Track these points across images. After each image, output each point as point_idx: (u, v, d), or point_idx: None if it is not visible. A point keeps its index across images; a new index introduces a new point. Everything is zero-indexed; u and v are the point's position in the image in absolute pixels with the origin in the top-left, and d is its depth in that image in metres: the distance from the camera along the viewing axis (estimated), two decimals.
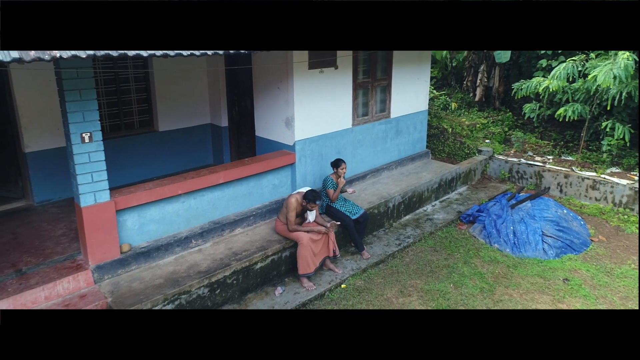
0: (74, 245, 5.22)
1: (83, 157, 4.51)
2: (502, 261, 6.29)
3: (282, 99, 6.44)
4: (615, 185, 7.86)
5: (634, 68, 7.46)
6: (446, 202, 8.11)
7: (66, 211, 6.16)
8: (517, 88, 9.07)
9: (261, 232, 5.98)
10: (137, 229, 5.16)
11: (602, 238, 6.97)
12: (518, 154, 9.56)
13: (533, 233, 6.63)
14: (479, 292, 5.56)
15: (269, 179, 6.36)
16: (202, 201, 5.68)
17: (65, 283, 4.59)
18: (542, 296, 5.50)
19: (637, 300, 5.44)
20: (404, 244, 6.58)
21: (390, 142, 8.13)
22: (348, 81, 7.06)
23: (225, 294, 5.13)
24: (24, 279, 4.58)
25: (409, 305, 5.29)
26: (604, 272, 6.02)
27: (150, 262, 5.17)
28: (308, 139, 6.63)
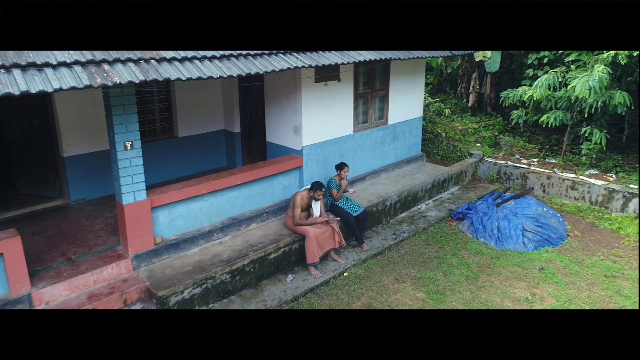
0: (112, 238, 6.02)
1: (125, 162, 5.30)
2: (486, 253, 7.08)
3: (291, 109, 7.23)
4: (591, 186, 8.66)
5: (608, 80, 8.26)
6: (439, 201, 8.90)
7: (100, 209, 6.96)
8: (505, 96, 9.88)
9: (273, 227, 6.78)
10: (168, 224, 5.95)
11: (577, 233, 7.76)
12: (506, 157, 10.36)
13: (515, 228, 7.43)
14: (465, 280, 6.36)
15: (279, 180, 7.15)
16: (222, 200, 6.47)
17: (109, 269, 5.38)
18: (519, 283, 6.29)
19: (602, 285, 6.24)
20: (400, 238, 7.38)
21: (387, 146, 8.93)
22: (350, 92, 7.85)
23: (244, 280, 5.92)
24: (74, 265, 5.37)
25: (402, 290, 6.08)
26: (576, 262, 6.82)
27: (179, 252, 5.97)
28: (314, 144, 7.42)
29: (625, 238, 7.53)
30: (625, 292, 6.03)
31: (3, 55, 3.86)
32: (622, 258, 6.92)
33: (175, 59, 4.78)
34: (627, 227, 7.78)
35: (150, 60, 4.60)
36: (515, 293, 6.05)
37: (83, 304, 4.95)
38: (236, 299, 5.77)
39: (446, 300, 5.88)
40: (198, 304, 5.49)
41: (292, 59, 5.76)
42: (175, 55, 4.80)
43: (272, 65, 5.46)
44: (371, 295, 5.97)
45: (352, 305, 5.77)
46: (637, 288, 6.13)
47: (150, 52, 4.65)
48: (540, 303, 5.84)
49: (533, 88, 9.12)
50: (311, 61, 5.89)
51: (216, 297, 5.65)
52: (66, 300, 5.00)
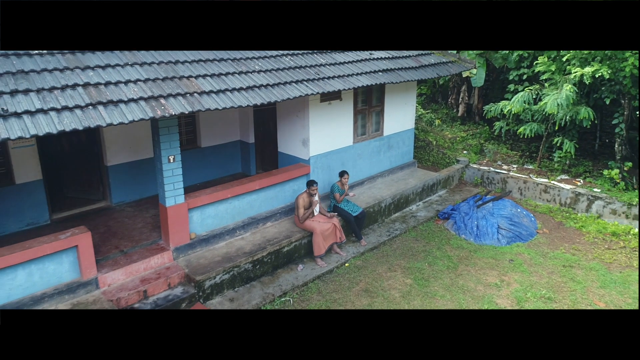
0: (153, 234, 7.27)
1: (168, 172, 6.55)
2: (466, 247, 8.34)
3: (300, 124, 8.48)
4: (561, 190, 9.91)
5: (575, 97, 9.52)
6: (428, 202, 10.16)
7: (138, 209, 8.21)
8: (487, 110, 11.14)
9: (285, 225, 8.03)
10: (200, 222, 7.20)
11: (545, 230, 9.02)
12: (489, 163, 11.61)
13: (491, 226, 8.68)
14: (446, 269, 7.61)
15: (290, 185, 8.39)
16: (243, 202, 7.72)
17: (155, 259, 6.63)
18: (491, 271, 7.55)
19: (560, 273, 7.49)
20: (393, 235, 8.63)
21: (383, 155, 10.18)
22: (350, 109, 9.10)
23: (262, 269, 7.17)
24: (127, 256, 6.62)
25: (394, 277, 7.33)
26: (541, 255, 8.08)
27: (209, 246, 7.22)
28: (319, 154, 8.67)
29: (586, 235, 8.78)
30: (578, 279, 7.29)
31: (87, 93, 5.11)
32: (580, 251, 8.17)
33: (212, 91, 6.03)
34: (589, 226, 9.03)
35: (194, 94, 5.85)
36: (487, 280, 7.31)
37: (137, 286, 6.21)
38: (256, 284, 7.03)
39: (429, 285, 7.13)
40: (226, 288, 6.74)
41: (302, 87, 7.02)
42: (212, 89, 6.05)
43: (287, 93, 6.72)
44: (368, 281, 7.22)
45: (352, 289, 7.02)
46: (594, 277, 7.37)
47: (193, 87, 5.90)
48: (507, 287, 7.09)
49: (511, 103, 10.39)
50: (318, 89, 7.14)
51: (240, 282, 6.90)
52: (123, 284, 6.25)
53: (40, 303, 5.63)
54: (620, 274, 7.44)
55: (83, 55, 5.69)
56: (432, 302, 6.72)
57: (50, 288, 5.76)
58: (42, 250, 5.59)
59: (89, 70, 5.47)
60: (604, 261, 7.83)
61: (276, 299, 6.72)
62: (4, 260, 5.32)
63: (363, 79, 8.00)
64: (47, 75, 5.14)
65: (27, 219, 7.40)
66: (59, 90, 5.01)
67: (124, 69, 5.74)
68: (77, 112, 4.85)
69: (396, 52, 9.43)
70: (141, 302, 6.12)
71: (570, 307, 6.61)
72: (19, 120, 4.51)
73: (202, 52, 6.72)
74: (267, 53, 7.47)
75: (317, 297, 6.83)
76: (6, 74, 4.93)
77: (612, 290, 6.99)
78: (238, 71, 6.67)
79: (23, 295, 5.57)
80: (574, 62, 9.67)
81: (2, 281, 5.38)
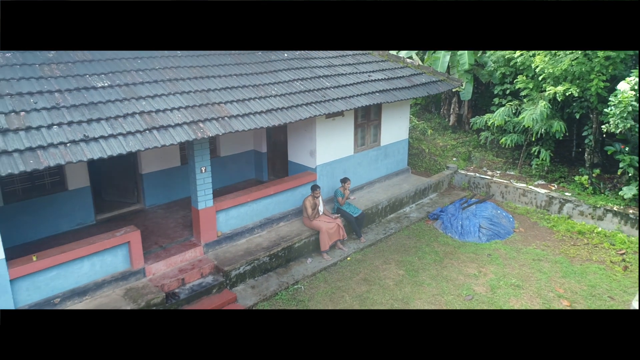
0: (185, 232, 8.59)
1: (200, 181, 7.87)
2: (451, 244, 9.66)
3: (308, 137, 9.80)
4: (537, 194, 11.25)
5: (548, 113, 10.85)
6: (420, 205, 11.49)
7: (169, 211, 9.53)
8: (474, 122, 12.48)
9: (296, 225, 9.36)
10: (224, 222, 8.52)
11: (521, 229, 10.35)
12: (476, 169, 12.94)
13: (473, 226, 10.02)
14: (433, 262, 8.93)
15: (299, 190, 9.71)
16: (260, 205, 9.04)
17: (189, 253, 7.96)
18: (471, 264, 8.87)
19: (529, 266, 8.81)
20: (388, 233, 9.96)
21: (380, 162, 11.50)
22: (351, 123, 10.42)
23: (277, 261, 8.49)
24: (165, 251, 7.95)
25: (388, 269, 8.65)
26: (515, 250, 9.41)
27: (232, 242, 8.54)
28: (325, 163, 10.00)
29: (556, 233, 10.11)
30: (544, 270, 8.62)
31: (144, 119, 6.44)
32: (549, 247, 9.50)
33: (239, 115, 7.36)
34: (560, 225, 10.36)
35: (225, 118, 7.18)
36: (468, 271, 8.63)
37: (176, 275, 7.53)
38: (273, 274, 8.35)
39: (418, 275, 8.45)
40: (248, 277, 8.07)
41: (311, 109, 8.35)
42: (238, 113, 7.38)
43: (299, 115, 8.05)
44: (366, 272, 8.55)
45: (353, 278, 8.34)
46: (558, 269, 8.69)
47: (224, 112, 7.23)
48: (484, 277, 8.41)
49: (494, 117, 11.73)
50: (325, 110, 8.47)
51: (260, 272, 8.23)
52: (165, 273, 7.58)
53: (101, 287, 6.96)
54: (580, 266, 8.77)
55: (135, 86, 7.02)
56: (420, 289, 8.05)
57: (108, 276, 7.08)
58: (102, 245, 6.92)
59: (142, 100, 6.80)
60: (568, 255, 9.16)
61: (290, 286, 8.04)
62: (74, 253, 6.64)
63: (362, 99, 9.33)
64: (111, 105, 6.47)
65: (77, 219, 8.72)
66: (122, 118, 6.34)
67: (168, 97, 7.07)
68: (138, 136, 6.18)
69: (391, 73, 10.77)
70: (180, 287, 7.45)
71: (535, 293, 7.93)
72: (97, 144, 5.84)
73: (228, 79, 8.06)
74: (280, 78, 8.80)
75: (324, 285, 8.15)
76: (82, 105, 6.26)
77: (572, 280, 8.31)
78: (258, 96, 8.00)
79: (88, 281, 6.89)
80: (548, 81, 11.00)
81: (72, 270, 6.70)
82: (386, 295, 7.82)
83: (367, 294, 7.89)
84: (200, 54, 8.60)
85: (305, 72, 9.38)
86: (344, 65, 10.40)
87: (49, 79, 6.53)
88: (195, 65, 8.16)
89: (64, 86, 6.47)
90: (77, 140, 5.74)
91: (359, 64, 10.75)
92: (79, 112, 6.15)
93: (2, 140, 5.33)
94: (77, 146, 5.70)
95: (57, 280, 6.57)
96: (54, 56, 7.03)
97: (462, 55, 13.56)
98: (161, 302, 6.96)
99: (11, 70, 6.40)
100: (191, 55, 8.43)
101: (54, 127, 5.78)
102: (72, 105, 6.20)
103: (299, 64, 9.63)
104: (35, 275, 6.35)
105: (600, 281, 8.24)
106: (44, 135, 5.61)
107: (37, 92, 6.20)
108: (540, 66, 10.77)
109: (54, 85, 6.43)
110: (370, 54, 11.54)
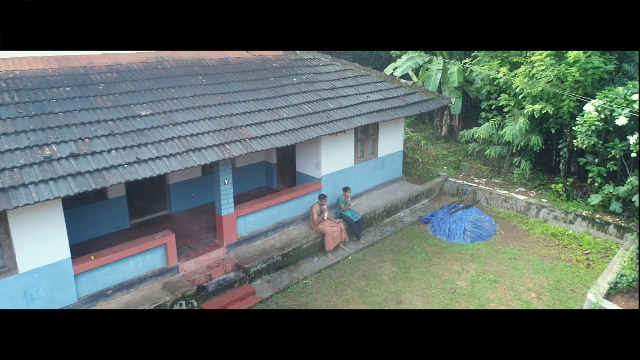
0: (209, 235, 9.97)
1: (223, 191, 9.25)
2: (439, 245, 11.05)
3: (314, 151, 11.18)
4: (517, 200, 12.63)
5: (527, 128, 12.24)
6: (413, 210, 12.87)
7: (192, 216, 10.91)
8: (462, 135, 13.86)
9: (304, 228, 10.74)
10: (243, 226, 9.90)
11: (502, 232, 11.73)
12: (464, 177, 14.32)
13: (459, 229, 11.40)
14: (423, 260, 10.31)
15: (306, 198, 11.09)
16: (273, 211, 10.42)
17: (214, 253, 9.34)
18: (456, 262, 10.25)
19: (506, 264, 10.19)
20: (384, 236, 11.34)
21: (377, 172, 12.89)
22: (351, 138, 11.80)
23: (288, 260, 9.88)
24: (194, 251, 9.33)
25: (384, 267, 10.03)
26: (494, 250, 10.80)
27: (250, 244, 9.92)
28: (329, 174, 11.38)
29: (532, 235, 11.50)
30: (518, 268, 10.00)
31: (181, 143, 7.81)
32: (525, 248, 10.89)
33: (257, 137, 8.73)
34: (536, 228, 11.74)
35: (246, 139, 8.56)
36: (452, 268, 10.02)
37: (204, 271, 8.91)
38: (285, 271, 9.73)
39: (410, 272, 9.84)
40: (264, 273, 9.44)
41: (318, 129, 9.73)
42: (257, 135, 8.75)
43: (307, 135, 9.43)
44: (365, 269, 9.93)
45: (354, 275, 9.72)
46: (530, 266, 10.05)
47: (245, 134, 8.61)
48: (466, 273, 9.79)
49: (479, 131, 13.13)
50: (329, 130, 9.86)
51: (274, 269, 9.61)
52: (195, 269, 8.96)
53: (144, 281, 8.34)
54: (550, 264, 10.16)
55: (172, 114, 8.41)
56: (411, 284, 9.43)
57: (149, 272, 8.46)
58: (145, 246, 8.30)
59: (178, 125, 8.19)
60: (540, 255, 10.55)
61: (299, 281, 9.43)
62: (123, 253, 8.02)
63: (362, 119, 10.71)
64: (154, 131, 7.85)
65: (115, 224, 10.10)
66: (164, 142, 7.72)
67: (199, 122, 8.46)
68: (178, 157, 7.57)
69: (387, 94, 12.15)
70: (208, 282, 8.83)
71: (508, 287, 9.31)
72: (147, 165, 7.22)
73: (247, 104, 9.45)
74: (290, 102, 10.19)
75: (329, 280, 9.53)
76: (131, 132, 7.65)
77: (541, 275, 9.70)
78: (273, 119, 9.38)
79: (133, 276, 8.27)
80: (527, 99, 12.38)
81: (121, 267, 8.08)
82: (382, 289, 9.20)
83: (366, 287, 9.26)
84: (221, 81, 9.99)
85: (312, 95, 10.77)
86: (345, 87, 11.78)
87: (103, 109, 7.92)
88: (218, 92, 9.55)
89: (116, 115, 7.86)
90: (131, 162, 7.12)
91: (358, 85, 12.13)
92: (130, 138, 7.53)
93: (76, 164, 6.72)
94: (132, 167, 7.08)
95: (109, 275, 7.95)
96: (104, 88, 8.43)
97: (452, 74, 14.95)
98: (193, 294, 8.34)
99: (72, 103, 7.79)
100: (214, 83, 9.82)
101: (112, 152, 7.17)
102: (124, 132, 7.59)
103: (306, 88, 11.01)
104: (92, 271, 7.73)
105: (565, 277, 9.63)
106: (106, 159, 7.00)
107: (96, 121, 7.59)
108: (520, 86, 12.16)
109: (108, 114, 7.82)
110: (368, 75, 12.93)
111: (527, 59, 12.61)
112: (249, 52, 11.83)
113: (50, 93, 7.84)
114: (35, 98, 7.59)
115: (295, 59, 12.47)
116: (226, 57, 11.16)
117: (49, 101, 7.65)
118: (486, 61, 13.86)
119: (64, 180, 6.46)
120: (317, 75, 11.81)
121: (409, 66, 15.84)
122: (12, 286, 6.82)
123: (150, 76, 9.24)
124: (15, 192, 6.03)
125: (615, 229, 10.94)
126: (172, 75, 9.55)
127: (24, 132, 6.87)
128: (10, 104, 7.28)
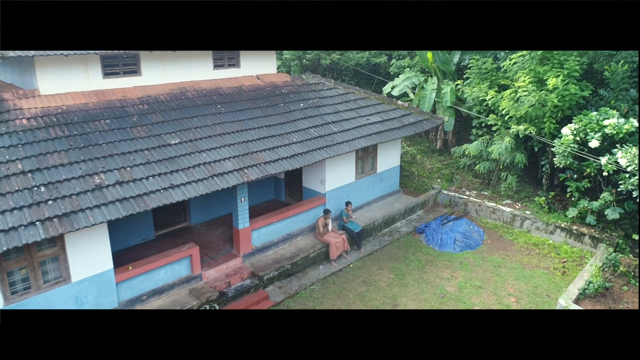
0: (226, 245, 11.21)
1: (240, 208, 10.48)
2: (432, 254, 12.29)
3: (319, 169, 12.42)
4: (504, 212, 13.87)
5: (512, 147, 13.48)
6: (409, 220, 14.11)
7: (210, 228, 12.15)
8: (454, 151, 15.12)
9: (310, 239, 11.98)
10: (257, 238, 11.14)
11: (489, 241, 12.97)
12: (456, 190, 15.56)
13: (450, 239, 12.64)
14: (417, 268, 11.55)
15: (312, 211, 12.33)
16: (283, 224, 11.66)
17: (232, 262, 10.58)
18: (446, 269, 11.49)
19: (490, 271, 11.43)
20: (382, 245, 12.59)
21: (376, 186, 14.13)
22: (353, 156, 13.03)
23: (297, 268, 11.11)
24: (214, 260, 10.57)
25: (382, 274, 11.26)
26: (481, 258, 12.04)
27: (263, 254, 11.17)
28: (332, 189, 12.62)
29: (515, 245, 12.74)
30: (501, 275, 11.24)
31: (207, 169, 9.05)
32: (508, 256, 12.13)
33: (270, 161, 9.97)
34: (520, 238, 12.98)
35: (261, 164, 9.80)
36: (443, 275, 11.25)
37: (224, 279, 10.15)
38: (294, 278, 10.97)
39: (405, 279, 11.07)
40: (276, 280, 10.68)
41: (323, 152, 10.97)
42: (270, 159, 9.99)
43: (314, 158, 10.67)
44: (365, 276, 11.17)
45: (355, 281, 10.96)
46: (512, 273, 11.29)
47: (260, 159, 9.84)
48: (454, 280, 11.03)
49: (469, 148, 14.39)
50: (333, 152, 11.10)
51: (284, 276, 10.85)
52: (216, 277, 10.20)
53: (172, 288, 9.57)
54: (530, 271, 11.40)
55: (197, 142, 9.65)
56: (406, 289, 10.66)
57: (176, 279, 9.70)
58: (174, 257, 9.55)
59: (203, 152, 9.43)
60: (522, 263, 11.80)
61: (307, 287, 10.66)
62: (155, 264, 9.27)
63: (362, 141, 11.96)
64: (183, 159, 9.09)
65: (142, 235, 11.34)
66: (192, 168, 8.96)
67: (221, 149, 9.70)
68: (205, 182, 8.81)
69: (385, 115, 13.39)
70: (227, 288, 10.07)
71: (491, 292, 10.55)
72: (179, 189, 8.46)
73: (260, 131, 10.69)
74: (298, 127, 11.43)
75: (333, 286, 10.77)
76: (164, 159, 8.89)
77: (521, 282, 10.94)
78: (283, 144, 10.62)
79: (163, 283, 9.51)
80: (513, 120, 13.61)
81: (153, 275, 9.32)
82: (380, 294, 10.44)
83: (366, 292, 10.50)
84: (237, 109, 11.22)
85: (317, 120, 12.01)
86: (347, 110, 13.01)
87: (139, 139, 9.16)
88: (235, 120, 10.78)
89: (150, 144, 9.10)
90: (166, 187, 8.36)
91: (359, 108, 13.37)
92: (163, 165, 8.77)
93: (121, 190, 7.96)
94: (167, 192, 8.32)
95: (143, 283, 9.19)
96: (137, 119, 9.67)
97: (445, 94, 16.19)
98: (216, 298, 9.58)
99: (113, 134, 9.03)
100: (231, 111, 11.05)
101: (150, 178, 8.40)
102: (158, 160, 8.83)
103: (312, 112, 12.25)
104: (130, 279, 8.97)
105: (542, 283, 10.87)
106: (145, 185, 8.24)
107: (134, 150, 8.83)
108: (506, 108, 13.40)
109: (143, 144, 9.05)
110: (368, 98, 14.17)
111: (513, 82, 13.87)
112: (259, 79, 13.06)
113: (93, 126, 9.08)
114: (82, 131, 8.83)
115: (302, 84, 13.71)
116: (240, 84, 12.39)
117: (93, 133, 8.88)
118: (476, 83, 15.10)
119: (113, 205, 7.70)
120: (322, 100, 13.04)
121: (405, 85, 17.09)
122: (67, 293, 8.07)
123: (176, 106, 10.48)
124: (75, 217, 7.26)
125: (589, 240, 12.19)
126: (195, 105, 10.78)
127: (76, 163, 8.11)
128: (62, 137, 8.52)
